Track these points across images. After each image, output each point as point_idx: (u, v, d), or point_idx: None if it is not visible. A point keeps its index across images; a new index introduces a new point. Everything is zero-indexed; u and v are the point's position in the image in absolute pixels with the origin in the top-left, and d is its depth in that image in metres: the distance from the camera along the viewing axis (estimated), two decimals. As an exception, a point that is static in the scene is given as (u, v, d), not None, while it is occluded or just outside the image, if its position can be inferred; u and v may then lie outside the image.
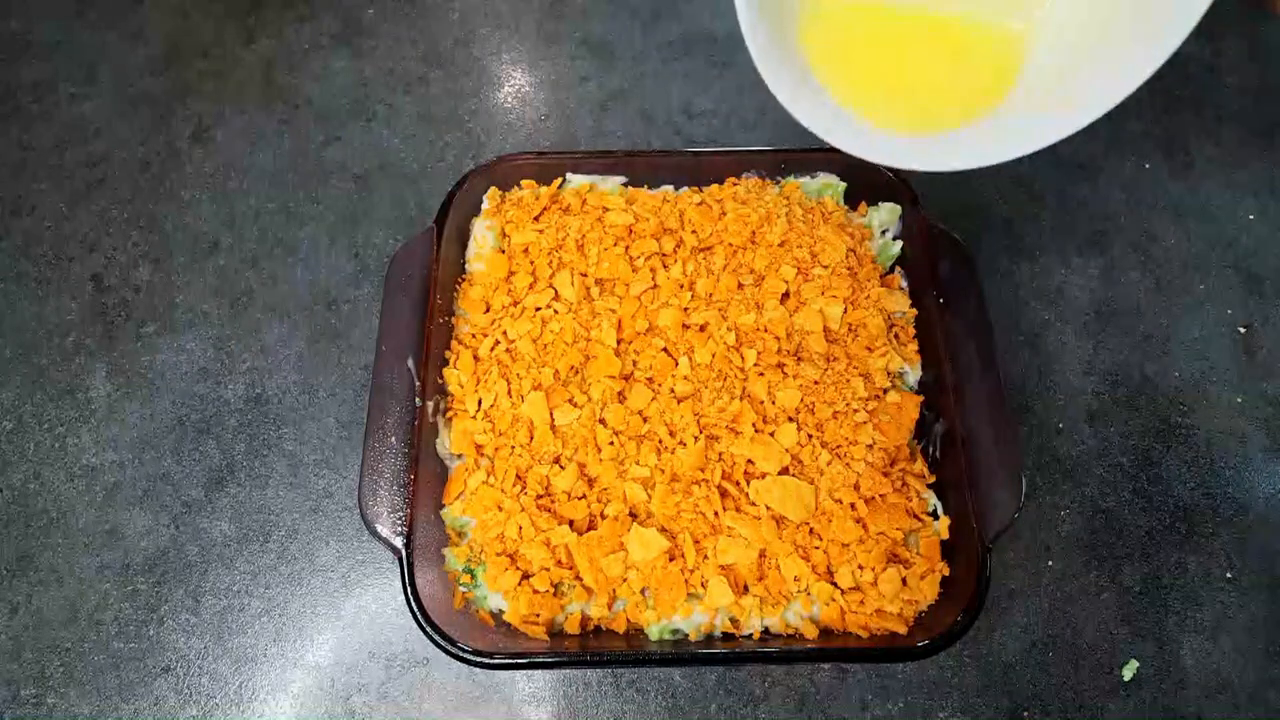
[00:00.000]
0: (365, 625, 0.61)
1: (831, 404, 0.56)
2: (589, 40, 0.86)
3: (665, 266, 0.62)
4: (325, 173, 0.78)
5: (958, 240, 0.60)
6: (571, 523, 0.54)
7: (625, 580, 0.52)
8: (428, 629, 0.49)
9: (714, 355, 0.58)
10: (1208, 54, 0.83)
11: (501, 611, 0.53)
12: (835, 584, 0.52)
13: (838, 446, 0.56)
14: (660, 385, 0.58)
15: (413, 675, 0.59)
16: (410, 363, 0.56)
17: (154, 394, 0.68)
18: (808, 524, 0.53)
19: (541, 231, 0.63)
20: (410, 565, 0.50)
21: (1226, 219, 0.75)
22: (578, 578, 0.53)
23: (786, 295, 0.61)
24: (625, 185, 0.66)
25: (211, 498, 0.65)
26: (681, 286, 0.61)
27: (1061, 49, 0.46)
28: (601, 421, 0.56)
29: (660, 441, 0.56)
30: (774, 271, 0.61)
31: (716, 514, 0.53)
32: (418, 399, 0.55)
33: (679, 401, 0.57)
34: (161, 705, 0.59)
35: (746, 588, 0.52)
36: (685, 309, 0.60)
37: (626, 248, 0.62)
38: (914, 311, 0.61)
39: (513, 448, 0.56)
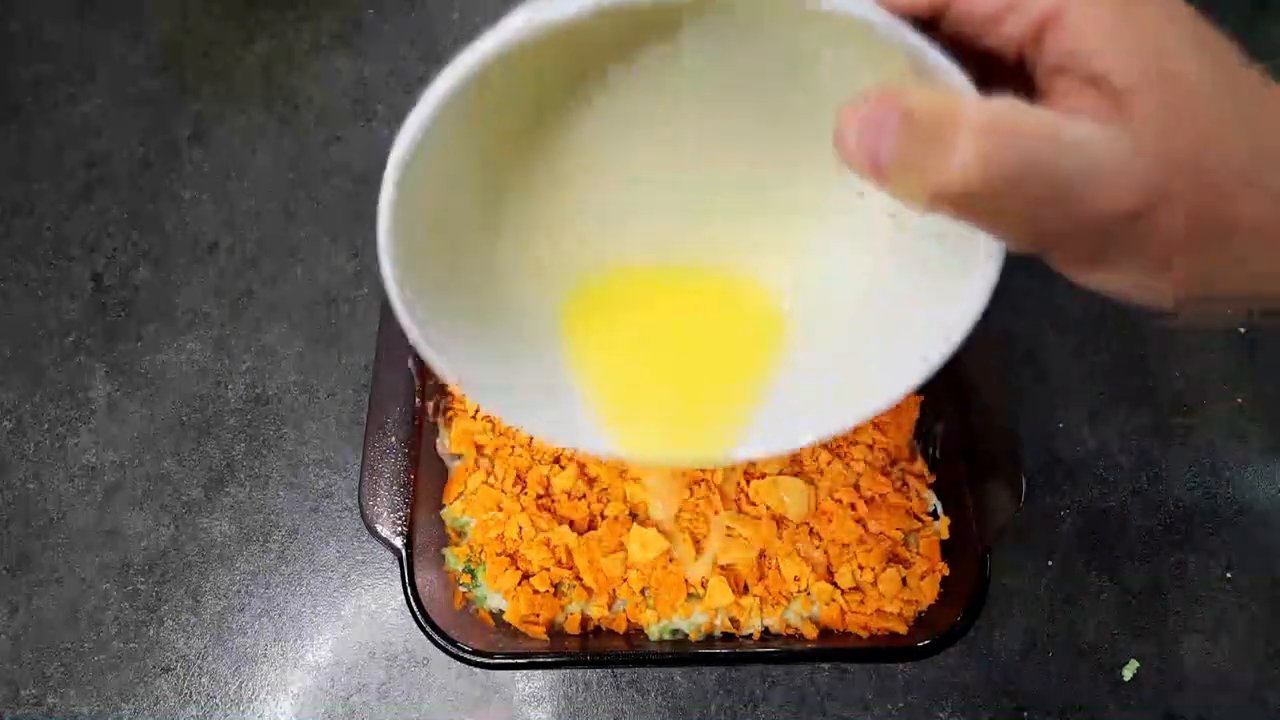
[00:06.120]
0: (365, 625, 0.61)
1: (831, 404, 0.56)
2: (589, 40, 0.86)
3: (665, 266, 0.62)
4: (325, 173, 0.78)
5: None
6: (571, 523, 0.54)
7: (625, 580, 0.52)
8: (428, 629, 0.49)
9: (714, 355, 0.58)
10: (1208, 54, 0.83)
11: (501, 611, 0.53)
12: (835, 584, 0.52)
13: (837, 446, 0.56)
14: (660, 385, 0.57)
15: (413, 675, 0.59)
16: (410, 363, 0.56)
17: (154, 394, 0.68)
18: (807, 524, 0.53)
19: (541, 231, 0.63)
20: (410, 565, 0.50)
21: (1226, 219, 0.75)
22: (578, 578, 0.53)
23: (786, 295, 0.61)
24: (625, 185, 0.66)
25: (211, 498, 0.65)
26: (681, 286, 0.61)
27: (817, 342, 0.39)
28: (601, 421, 0.56)
29: (660, 441, 0.55)
30: (774, 271, 0.61)
31: (717, 514, 0.53)
32: (418, 399, 0.55)
33: (679, 401, 0.57)
34: (161, 705, 0.59)
35: (746, 588, 0.52)
36: (685, 309, 0.60)
37: (626, 248, 0.62)
38: (914, 311, 0.61)
39: (513, 448, 0.56)
